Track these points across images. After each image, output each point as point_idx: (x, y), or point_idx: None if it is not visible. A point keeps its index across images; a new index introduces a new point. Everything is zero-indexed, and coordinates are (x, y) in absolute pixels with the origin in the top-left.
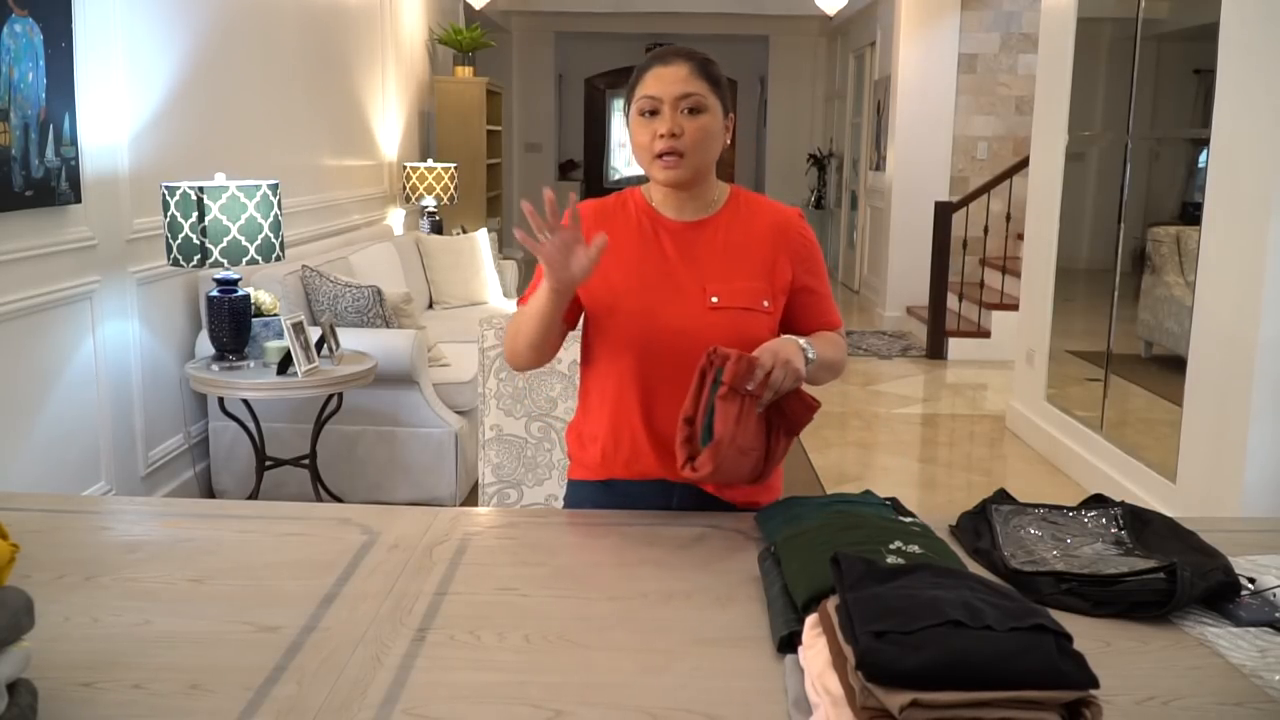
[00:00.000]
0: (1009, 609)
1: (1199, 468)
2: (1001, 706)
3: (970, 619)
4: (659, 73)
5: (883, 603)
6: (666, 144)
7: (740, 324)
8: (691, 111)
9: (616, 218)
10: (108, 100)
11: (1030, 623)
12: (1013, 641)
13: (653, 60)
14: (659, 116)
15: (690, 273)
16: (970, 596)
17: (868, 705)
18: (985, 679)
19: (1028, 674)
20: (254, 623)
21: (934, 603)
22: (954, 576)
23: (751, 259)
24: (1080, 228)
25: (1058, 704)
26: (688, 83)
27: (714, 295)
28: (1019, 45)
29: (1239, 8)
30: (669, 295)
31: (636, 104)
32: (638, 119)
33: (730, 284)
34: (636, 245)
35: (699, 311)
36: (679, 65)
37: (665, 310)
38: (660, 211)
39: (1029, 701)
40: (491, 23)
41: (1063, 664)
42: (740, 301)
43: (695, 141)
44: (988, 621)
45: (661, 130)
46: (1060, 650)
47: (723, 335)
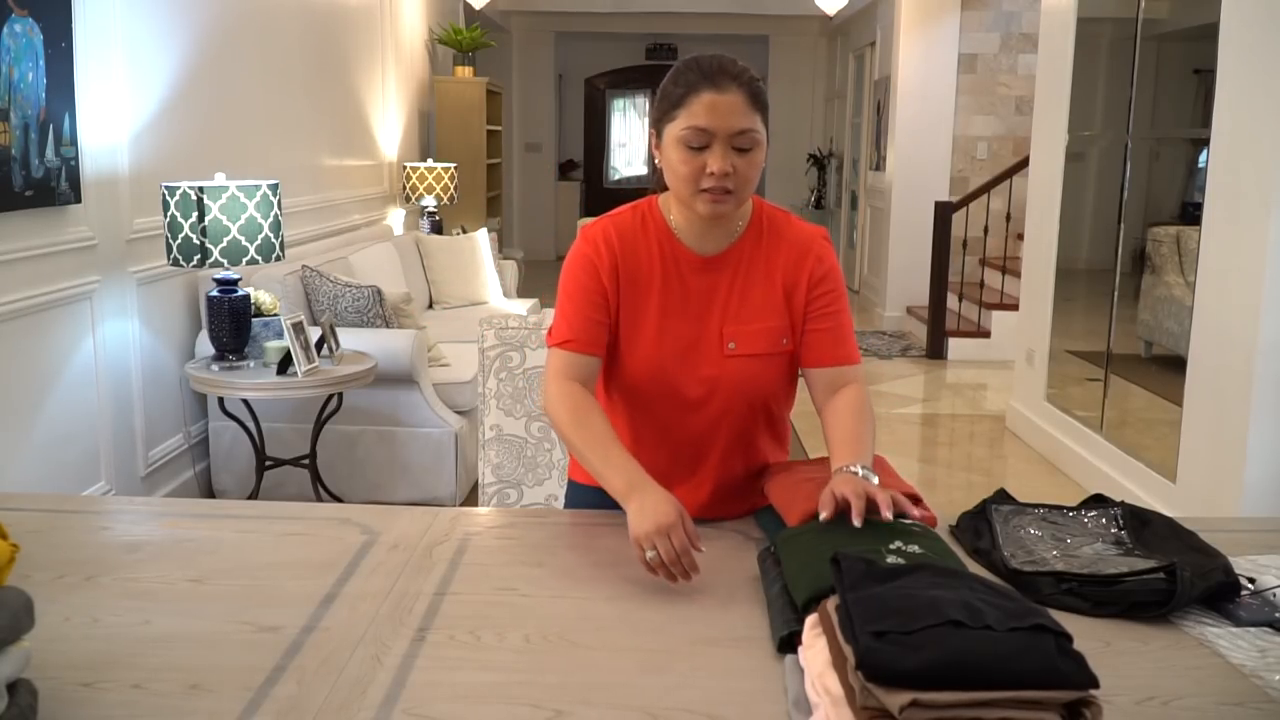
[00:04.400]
0: (1009, 609)
1: (1199, 468)
2: (1002, 706)
3: (970, 619)
4: (712, 101)
5: (883, 603)
6: (718, 183)
7: (754, 372)
8: (745, 149)
9: (639, 246)
10: (108, 100)
11: (1030, 623)
12: (1013, 641)
13: (701, 81)
14: (709, 151)
15: (709, 314)
16: (970, 597)
17: (868, 705)
18: (985, 679)
19: (1028, 674)
20: (254, 623)
21: (934, 603)
22: (954, 577)
23: (772, 294)
24: (1080, 228)
25: (1058, 704)
26: (744, 116)
27: (731, 340)
28: (1019, 45)
29: (1239, 8)
30: (687, 341)
31: (681, 131)
32: (680, 146)
33: (748, 325)
34: (659, 282)
35: (715, 359)
36: (734, 93)
37: (683, 356)
38: (681, 240)
39: (1029, 701)
40: (491, 23)
41: (1063, 664)
42: (757, 347)
43: (746, 180)
44: (988, 621)
45: (713, 168)
46: (1060, 650)
47: (735, 383)
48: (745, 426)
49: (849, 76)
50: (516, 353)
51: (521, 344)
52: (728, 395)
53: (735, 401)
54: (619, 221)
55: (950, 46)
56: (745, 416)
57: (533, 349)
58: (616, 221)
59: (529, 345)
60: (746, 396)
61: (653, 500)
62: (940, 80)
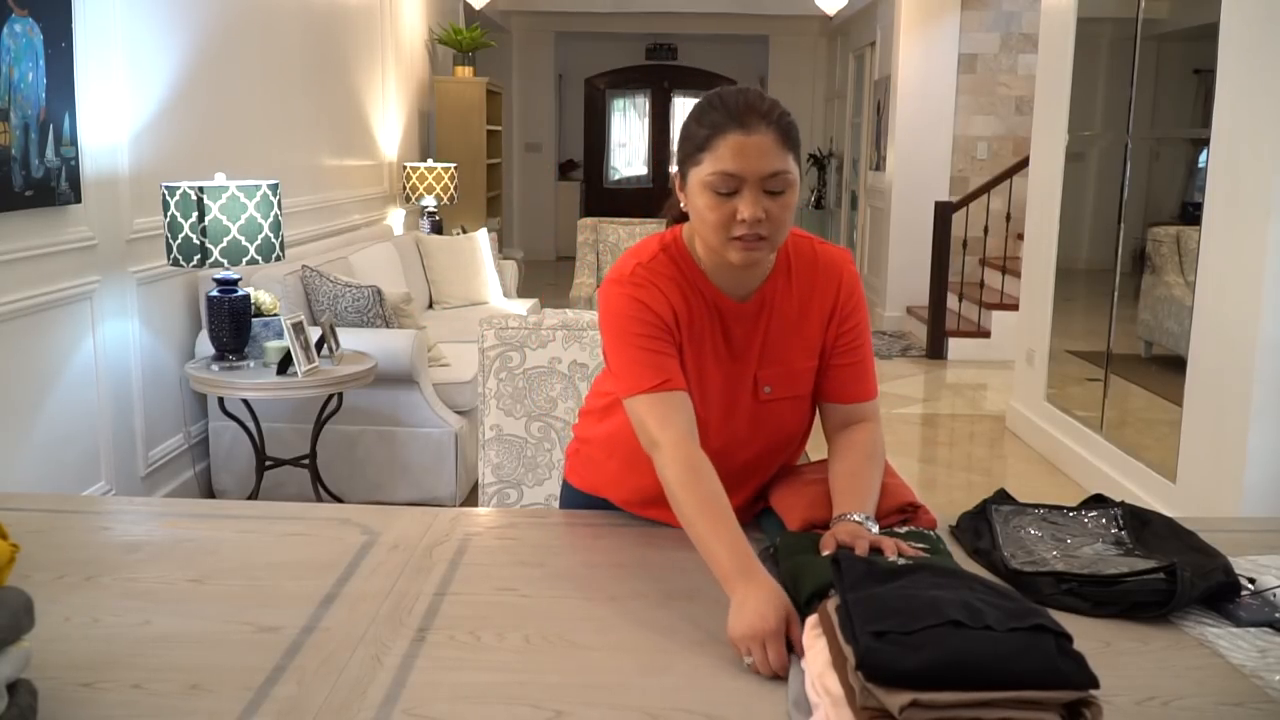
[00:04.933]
0: (1009, 609)
1: (1199, 468)
2: (1002, 707)
3: (970, 619)
4: (739, 144)
5: (883, 603)
6: (750, 229)
7: (789, 415)
8: (777, 192)
9: (680, 290)
10: (108, 100)
11: (1030, 623)
12: (1013, 642)
13: (729, 121)
14: (739, 196)
15: (746, 360)
16: (970, 597)
17: (868, 705)
18: (985, 679)
19: (1028, 674)
20: (254, 623)
21: (934, 603)
22: (955, 576)
23: (806, 332)
24: (1080, 228)
25: (1058, 704)
26: (775, 158)
27: (767, 385)
28: (1019, 45)
29: (1239, 8)
30: (724, 388)
31: (708, 176)
32: (708, 192)
33: (783, 367)
34: (708, 328)
35: (750, 405)
36: (763, 133)
37: (722, 404)
38: (715, 283)
39: (1029, 702)
40: (491, 23)
41: (1063, 664)
42: (792, 390)
43: (780, 224)
44: (988, 622)
45: (744, 214)
46: (1060, 650)
47: (771, 427)
48: (774, 462)
49: (849, 76)
50: (516, 353)
51: (521, 344)
52: (765, 438)
53: (770, 442)
54: (656, 268)
55: (950, 46)
56: (776, 455)
57: (532, 349)
58: (653, 268)
59: (529, 345)
60: (780, 439)
61: (756, 598)
62: (940, 80)
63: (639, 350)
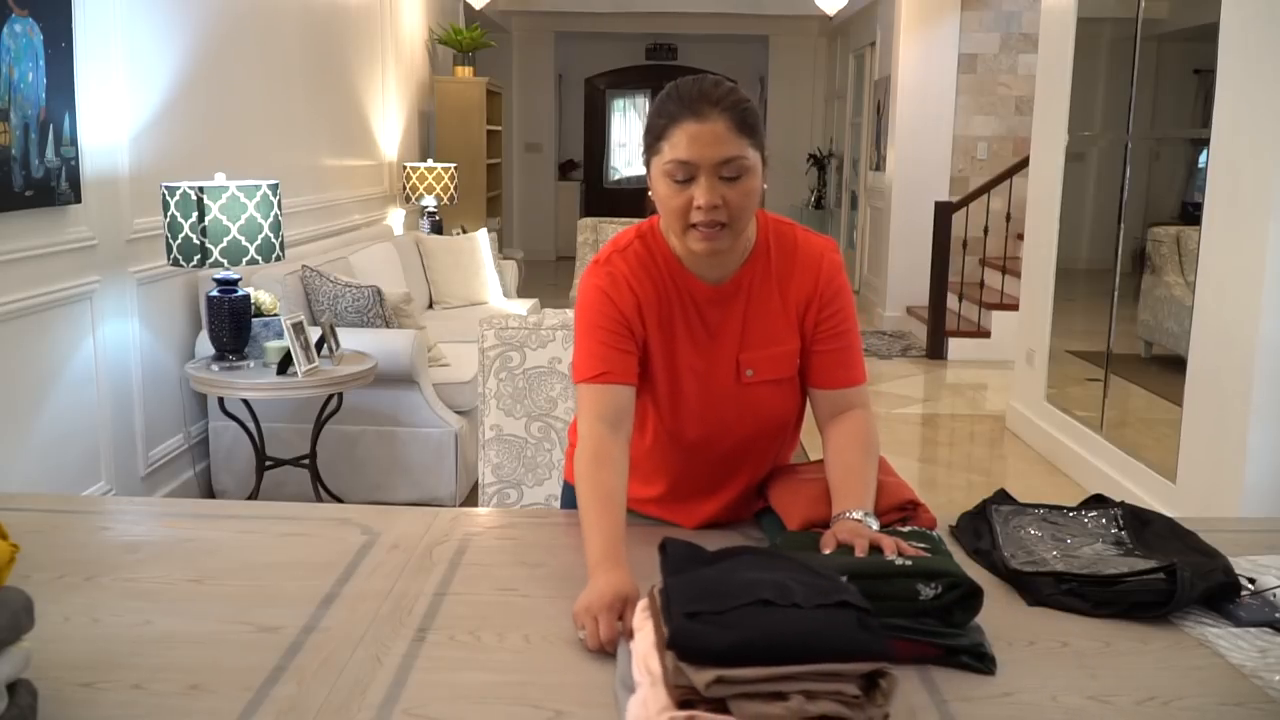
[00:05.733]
0: (818, 587)
1: (1199, 468)
2: (802, 679)
3: (779, 597)
4: (692, 131)
5: (700, 585)
6: (707, 216)
7: (773, 398)
8: (733, 178)
9: (654, 280)
10: (108, 100)
11: (835, 599)
12: (816, 618)
13: (682, 110)
14: (695, 184)
15: (725, 344)
16: (784, 577)
17: (679, 684)
18: (789, 654)
19: (828, 648)
20: (254, 623)
21: (748, 584)
22: (776, 558)
23: (786, 316)
24: (1080, 228)
25: (856, 675)
26: (728, 144)
27: (748, 368)
28: (1019, 45)
29: (1239, 8)
30: (704, 372)
31: (665, 165)
32: (666, 180)
33: (764, 351)
34: (680, 317)
35: (733, 389)
36: (716, 120)
37: (703, 389)
38: (690, 269)
39: (828, 673)
40: (491, 23)
41: (861, 637)
42: (774, 372)
43: (740, 209)
44: (795, 599)
45: (700, 201)
46: (860, 624)
47: (756, 411)
48: (766, 448)
49: (849, 76)
50: (516, 353)
51: (521, 344)
52: (751, 423)
53: (756, 427)
54: (627, 255)
55: (950, 46)
56: (767, 440)
57: (532, 349)
58: (625, 255)
59: (529, 345)
60: (767, 422)
61: (604, 580)
62: (940, 80)
63: (594, 342)
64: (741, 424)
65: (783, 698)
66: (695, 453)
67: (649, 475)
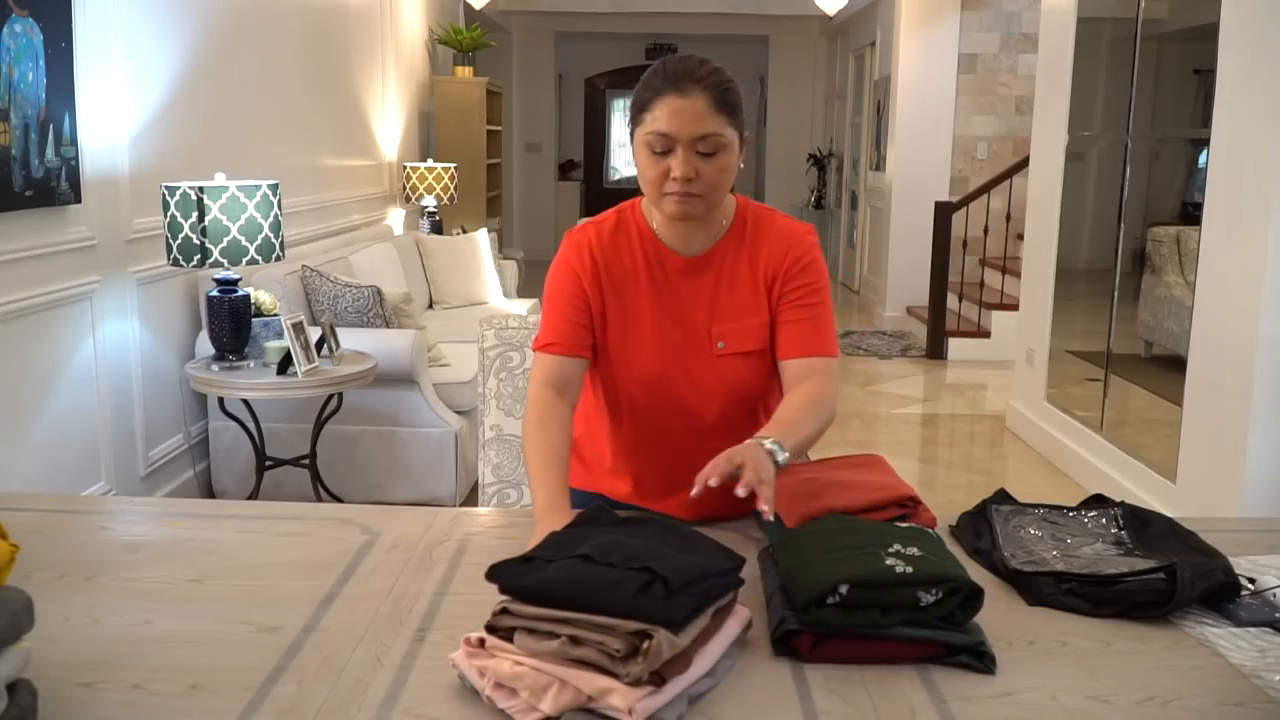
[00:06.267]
0: (650, 553)
1: (1199, 468)
2: (575, 625)
3: (600, 555)
4: (673, 105)
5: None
6: (681, 187)
7: (746, 370)
8: (709, 153)
9: (622, 250)
10: (108, 100)
11: (642, 564)
12: (612, 576)
13: (665, 85)
14: (673, 155)
15: (697, 315)
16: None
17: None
18: (574, 602)
19: (611, 604)
20: (254, 623)
21: (592, 542)
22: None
23: (756, 292)
24: (1080, 228)
25: (624, 632)
26: (706, 120)
27: (720, 340)
28: (1019, 45)
29: (1239, 8)
30: (679, 344)
31: (646, 136)
32: (646, 151)
33: (735, 323)
34: (647, 286)
35: (706, 360)
36: (696, 96)
37: (676, 360)
38: (665, 242)
39: (600, 625)
40: (491, 23)
41: (639, 600)
42: (746, 344)
43: (713, 184)
44: (612, 560)
45: (676, 173)
46: (643, 588)
47: (730, 383)
48: (744, 426)
49: (849, 76)
50: (516, 353)
51: (521, 344)
52: (724, 396)
53: (731, 402)
54: (601, 226)
55: (950, 46)
56: (743, 416)
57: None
58: (599, 225)
59: (529, 345)
60: (742, 395)
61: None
62: (940, 80)
63: (552, 312)
64: (718, 395)
65: (554, 637)
66: (672, 430)
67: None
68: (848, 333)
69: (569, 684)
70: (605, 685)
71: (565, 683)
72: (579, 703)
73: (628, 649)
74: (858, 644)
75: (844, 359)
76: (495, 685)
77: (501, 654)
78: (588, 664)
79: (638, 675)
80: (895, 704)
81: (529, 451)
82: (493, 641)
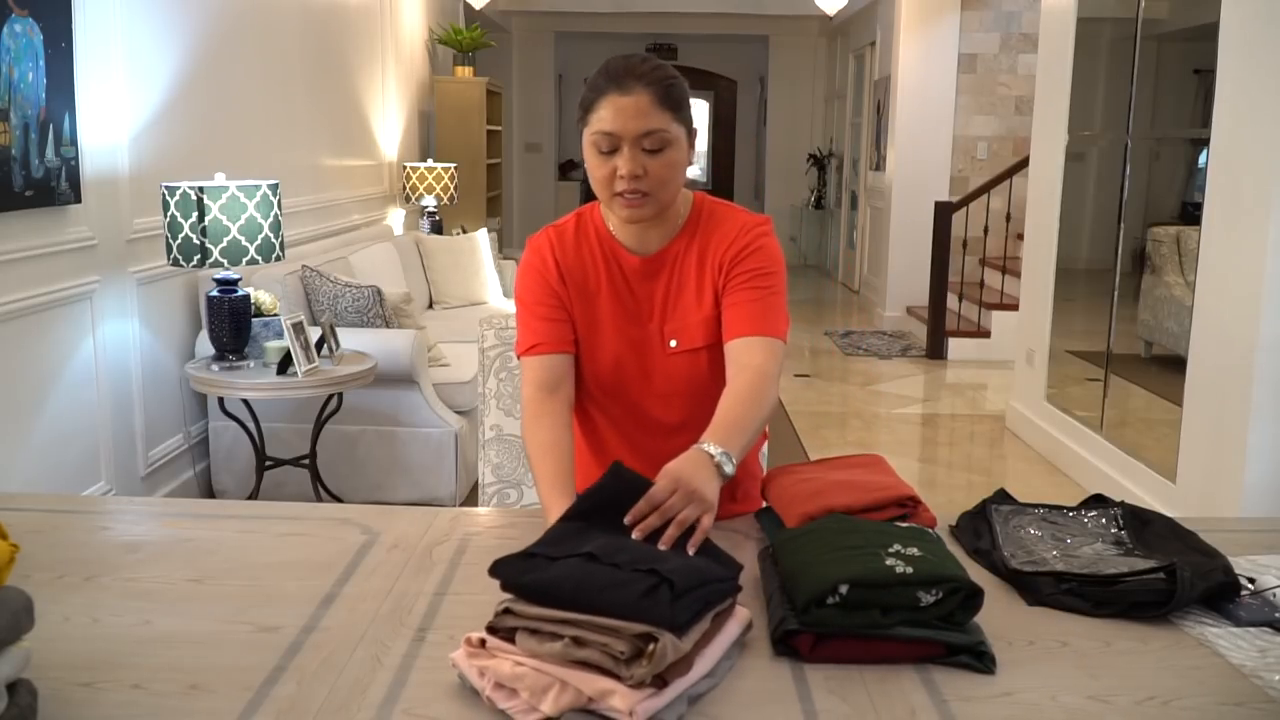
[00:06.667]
0: (654, 556)
1: (1199, 468)
2: (579, 626)
3: (604, 555)
4: (617, 103)
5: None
6: (629, 185)
7: (700, 367)
8: (655, 150)
9: (583, 253)
10: (108, 100)
11: (648, 567)
12: (616, 578)
13: (609, 84)
14: (619, 154)
15: (652, 314)
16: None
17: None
18: (578, 603)
19: (614, 605)
20: (254, 623)
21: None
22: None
23: (702, 286)
24: (1080, 228)
25: (629, 634)
26: (650, 117)
27: (672, 338)
28: (1019, 45)
29: (1239, 8)
30: (637, 340)
31: (592, 135)
32: (593, 151)
33: (687, 319)
34: (607, 287)
35: (660, 358)
36: (639, 94)
37: (634, 361)
38: (621, 242)
39: (604, 627)
40: (491, 23)
41: (645, 603)
42: (695, 341)
43: (660, 180)
44: (617, 560)
45: (622, 171)
46: (648, 591)
47: (685, 381)
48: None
49: (849, 76)
50: None
51: None
52: (684, 395)
53: (692, 401)
54: (561, 229)
55: (950, 46)
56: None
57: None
58: (559, 229)
59: None
60: (700, 393)
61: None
62: (940, 80)
63: (527, 315)
64: (678, 394)
65: (558, 639)
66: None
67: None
68: (848, 333)
69: (570, 685)
70: (607, 687)
71: (566, 684)
72: (579, 704)
73: (632, 651)
74: (858, 644)
75: (844, 359)
76: (495, 685)
77: (502, 654)
78: (590, 665)
79: (642, 677)
80: (895, 704)
81: (529, 452)
82: (493, 642)
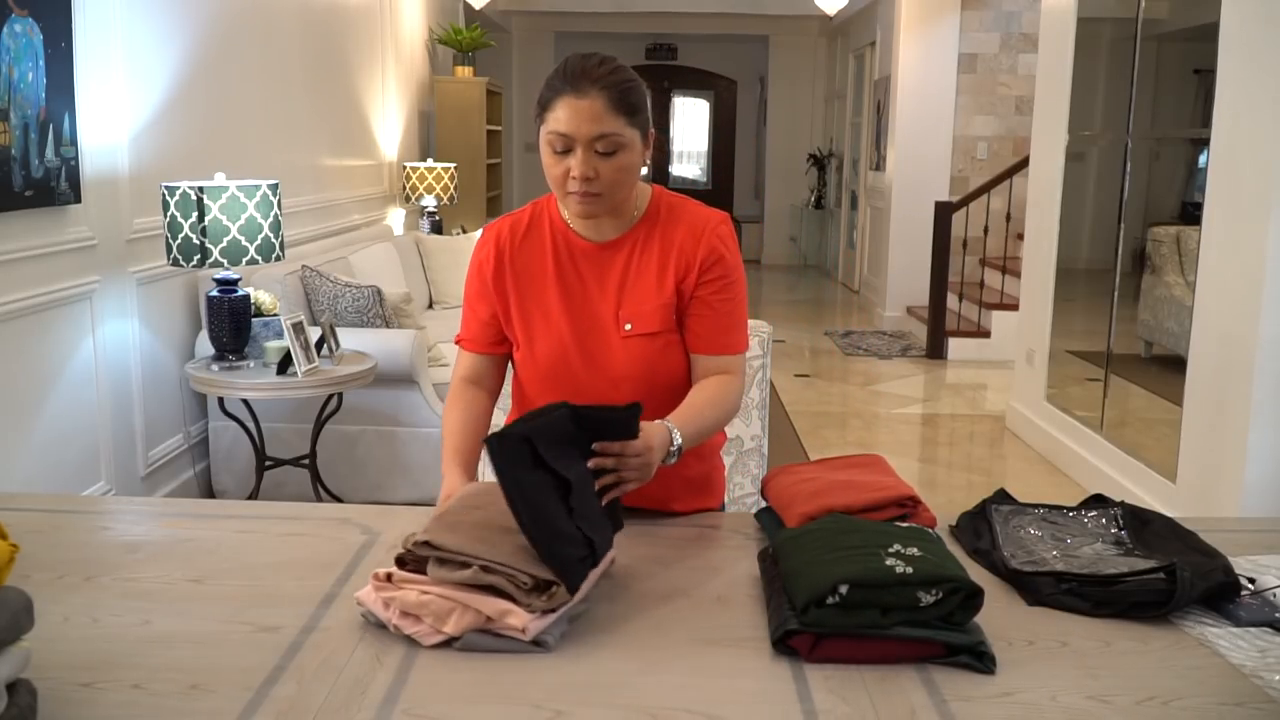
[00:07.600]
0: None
1: (1199, 468)
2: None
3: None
4: (571, 105)
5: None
6: (581, 185)
7: (655, 352)
8: (608, 153)
9: (532, 239)
10: (108, 100)
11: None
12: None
13: (565, 85)
14: (572, 155)
15: (605, 298)
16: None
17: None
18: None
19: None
20: (254, 623)
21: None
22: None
23: (664, 274)
24: (1080, 228)
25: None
26: (602, 121)
27: (627, 322)
28: (1019, 45)
29: (1239, 8)
30: (587, 326)
31: (547, 135)
32: (548, 149)
33: (642, 306)
34: (554, 273)
35: (615, 342)
36: (594, 98)
37: (583, 341)
38: (576, 230)
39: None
40: (491, 23)
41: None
42: (652, 326)
43: (612, 183)
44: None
45: (575, 172)
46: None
47: (640, 365)
48: (662, 411)
49: (849, 76)
50: None
51: None
52: (635, 379)
53: (645, 385)
54: (514, 219)
55: (950, 46)
56: (660, 400)
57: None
58: (514, 219)
59: None
60: (655, 378)
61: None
62: (940, 80)
63: (466, 307)
64: (631, 376)
65: (467, 567)
66: None
67: None
68: (848, 333)
69: (470, 607)
70: (504, 607)
71: (468, 606)
72: (479, 624)
73: (533, 585)
74: (858, 644)
75: (844, 359)
76: (401, 614)
77: (409, 585)
78: (493, 590)
79: (539, 608)
80: (895, 704)
81: (442, 428)
82: (400, 574)
